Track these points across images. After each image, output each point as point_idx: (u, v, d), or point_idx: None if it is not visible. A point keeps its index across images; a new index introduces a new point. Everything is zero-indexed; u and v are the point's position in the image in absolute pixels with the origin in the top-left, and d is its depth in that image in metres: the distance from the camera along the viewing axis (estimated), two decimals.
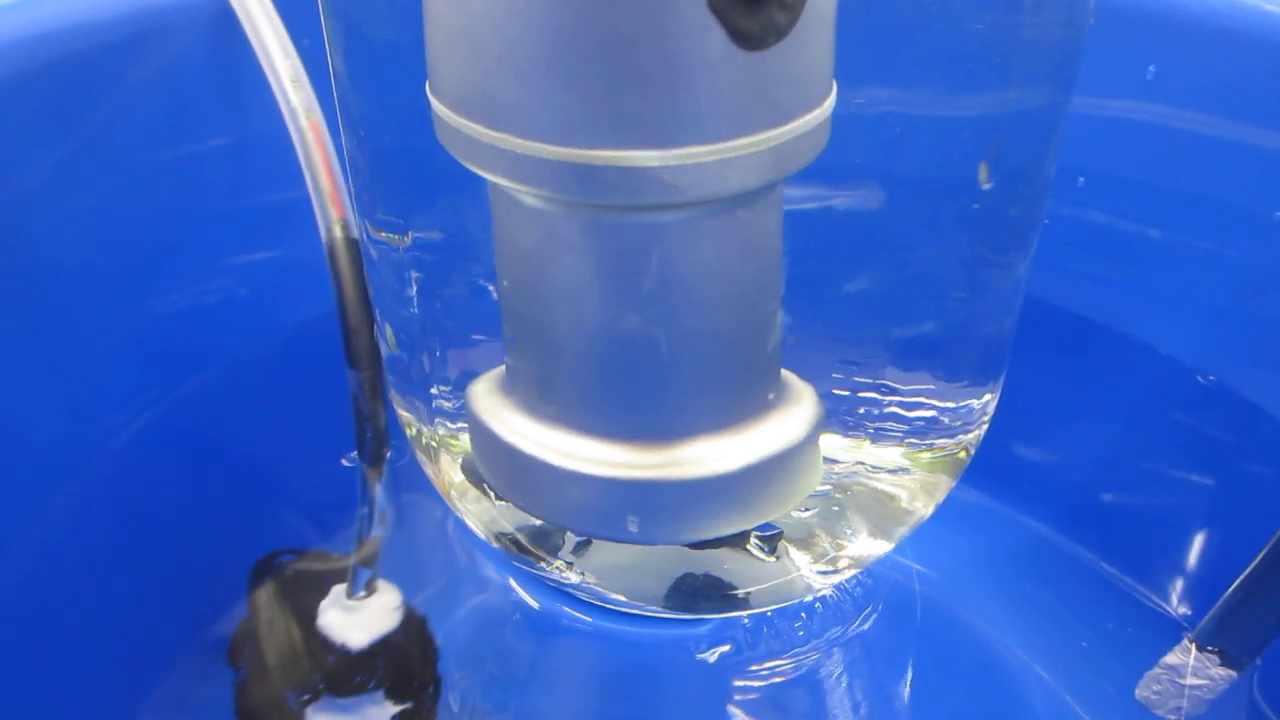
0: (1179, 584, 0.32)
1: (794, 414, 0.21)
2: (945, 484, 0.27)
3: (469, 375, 0.23)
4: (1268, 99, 0.29)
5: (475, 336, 0.26)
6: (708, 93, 0.16)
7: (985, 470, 0.31)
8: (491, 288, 0.24)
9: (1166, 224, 0.32)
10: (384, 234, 0.25)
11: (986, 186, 0.22)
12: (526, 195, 0.18)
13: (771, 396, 0.20)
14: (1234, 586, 0.23)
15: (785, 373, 0.21)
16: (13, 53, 0.25)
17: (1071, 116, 0.30)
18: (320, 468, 0.33)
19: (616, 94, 0.16)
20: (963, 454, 0.27)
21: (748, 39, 0.16)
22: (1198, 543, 0.32)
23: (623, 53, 0.15)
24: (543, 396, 0.21)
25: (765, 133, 0.17)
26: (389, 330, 0.26)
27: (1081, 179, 0.33)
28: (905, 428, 0.26)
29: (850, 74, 0.18)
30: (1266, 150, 0.29)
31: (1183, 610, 0.32)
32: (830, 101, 0.18)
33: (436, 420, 0.27)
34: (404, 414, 0.28)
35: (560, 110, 0.16)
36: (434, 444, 0.27)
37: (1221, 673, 0.24)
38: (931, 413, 0.26)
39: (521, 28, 0.16)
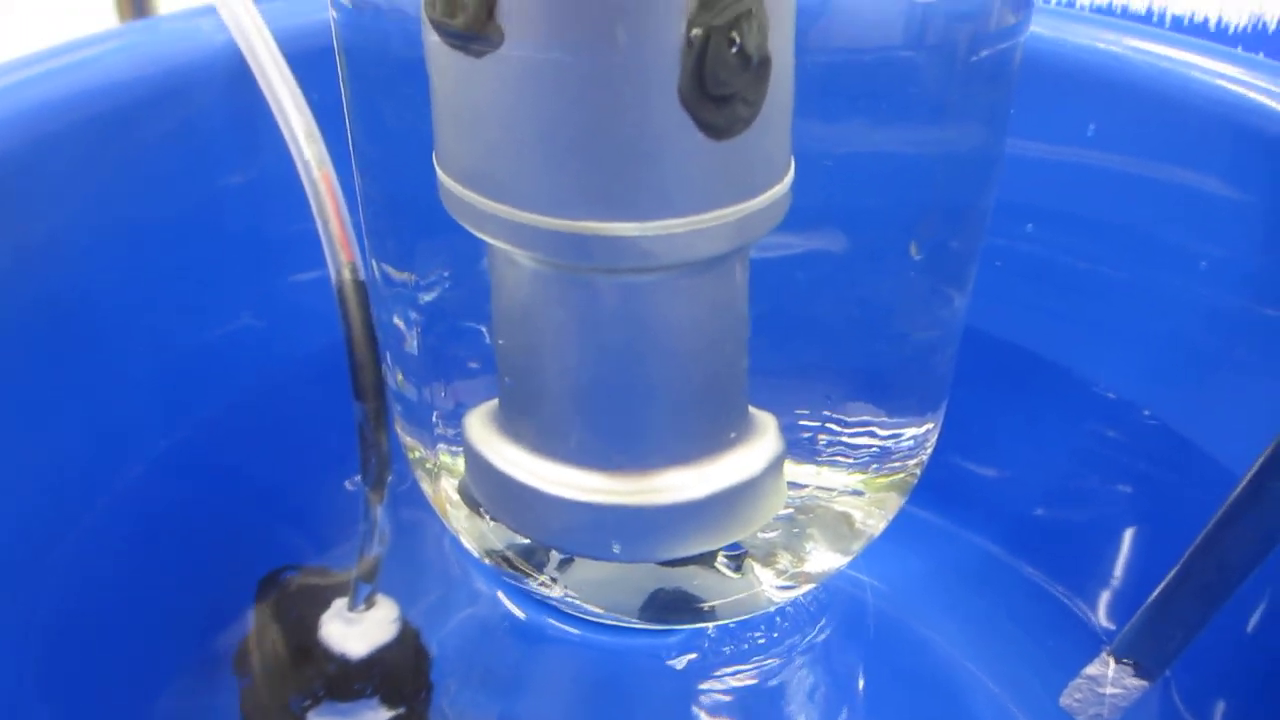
0: (1108, 599, 0.34)
1: (756, 448, 0.23)
2: (896, 502, 0.29)
3: (469, 405, 0.25)
4: (1199, 152, 0.31)
5: (475, 369, 0.27)
6: (680, 174, 0.18)
7: (936, 491, 0.33)
8: (485, 329, 0.26)
9: (1107, 262, 0.34)
10: (393, 273, 0.27)
11: (917, 258, 0.25)
12: (521, 257, 0.20)
13: (734, 434, 0.23)
14: (1145, 605, 0.25)
15: (753, 409, 0.24)
16: (50, 110, 0.27)
17: (1021, 161, 0.32)
18: (324, 490, 0.35)
19: (601, 174, 0.18)
20: (910, 477, 0.29)
21: (715, 130, 0.18)
22: (1124, 561, 0.34)
23: (606, 140, 0.18)
24: (532, 429, 0.23)
25: (731, 207, 0.19)
26: (396, 364, 0.28)
27: (1030, 225, 0.35)
28: (857, 454, 0.28)
29: (800, 127, 0.20)
30: (1202, 194, 0.31)
31: (1109, 625, 0.34)
32: (789, 177, 0.20)
33: (438, 446, 0.28)
34: (407, 439, 0.29)
35: (552, 187, 0.18)
36: (434, 467, 0.29)
37: (1135, 683, 0.26)
38: (880, 441, 0.28)
39: (518, 118, 0.18)
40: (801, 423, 0.27)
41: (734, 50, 0.17)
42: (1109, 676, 0.26)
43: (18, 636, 0.28)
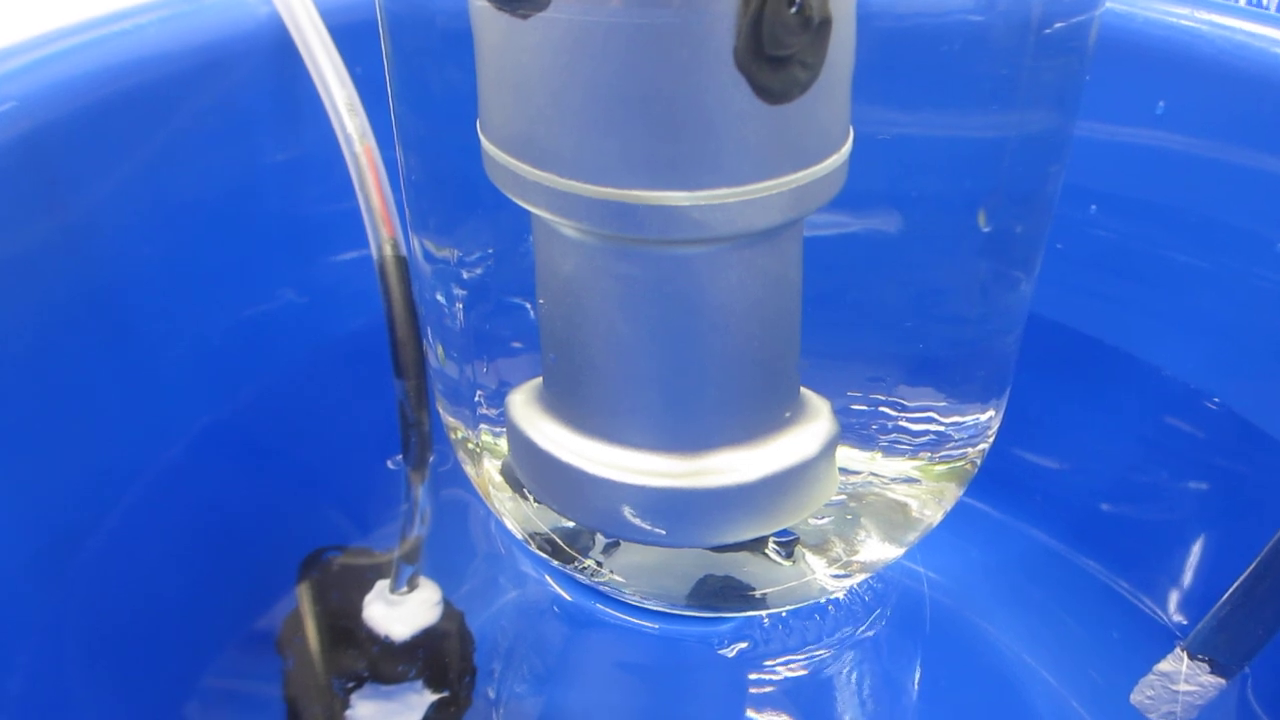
0: (1177, 594, 0.33)
1: (810, 430, 0.22)
2: (954, 493, 0.28)
3: (512, 384, 0.24)
4: (1274, 132, 0.30)
5: (518, 347, 0.27)
6: (734, 141, 0.17)
7: (995, 483, 0.32)
8: (529, 306, 0.25)
9: (1175, 246, 0.32)
10: (435, 249, 0.27)
11: (986, 230, 0.24)
12: (567, 228, 0.19)
13: (789, 414, 0.22)
14: (1223, 600, 0.24)
15: (805, 391, 0.23)
16: (90, 82, 0.27)
17: (1085, 142, 0.31)
18: (366, 470, 0.35)
19: (651, 141, 0.17)
20: (969, 465, 0.28)
21: (772, 94, 0.17)
22: (1195, 556, 0.33)
23: (658, 105, 0.17)
24: (578, 408, 0.22)
25: (786, 176, 0.18)
26: (437, 342, 0.28)
27: (1093, 206, 0.34)
28: (915, 441, 0.27)
29: (861, 100, 0.19)
30: (1273, 176, 0.30)
31: (1179, 619, 0.33)
32: (847, 146, 0.19)
33: (481, 426, 0.28)
34: (449, 419, 0.29)
35: (600, 154, 0.18)
36: (476, 448, 0.28)
37: (1211, 680, 0.25)
38: (940, 427, 0.27)
39: (566, 81, 0.17)
40: (858, 407, 0.26)
41: (793, 9, 0.16)
42: (1183, 673, 0.25)
43: (65, 612, 0.28)
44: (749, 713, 0.30)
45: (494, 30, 0.18)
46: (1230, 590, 0.24)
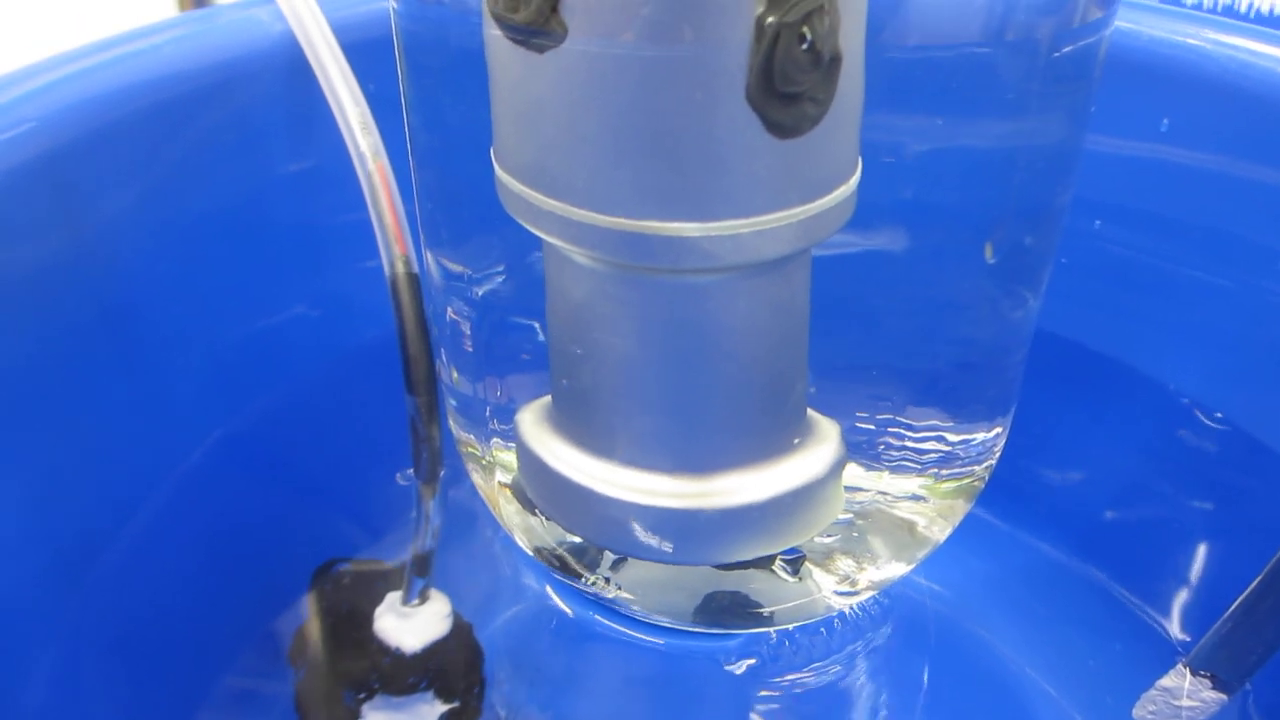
0: (1180, 607, 0.33)
1: (818, 452, 0.22)
2: (961, 509, 0.29)
3: (523, 400, 0.24)
4: (1278, 147, 0.30)
5: (528, 361, 0.27)
6: (745, 174, 0.18)
7: (1000, 494, 0.32)
8: (539, 325, 0.25)
9: (1180, 260, 0.33)
10: (448, 265, 0.27)
11: (992, 261, 0.24)
12: (579, 256, 0.20)
13: (797, 440, 0.22)
14: (1225, 615, 0.24)
15: (814, 413, 0.23)
16: (108, 101, 0.27)
17: (1091, 156, 0.31)
18: (377, 480, 0.35)
19: (663, 173, 0.18)
20: (977, 482, 0.28)
21: (782, 129, 0.18)
22: (1199, 569, 0.33)
23: (670, 138, 0.17)
24: (588, 429, 0.22)
25: (796, 208, 0.18)
26: (449, 358, 0.28)
27: (1099, 220, 0.34)
28: (923, 459, 0.27)
29: (871, 124, 0.19)
30: (1278, 190, 0.30)
31: (1183, 635, 0.33)
32: (856, 177, 0.19)
33: (492, 441, 0.28)
34: (461, 434, 0.29)
35: (613, 185, 0.18)
36: (488, 463, 0.29)
37: (1213, 696, 0.25)
38: (947, 446, 0.27)
39: (580, 114, 0.18)
40: (865, 426, 0.27)
41: (804, 47, 0.17)
42: (1185, 689, 0.25)
43: (82, 620, 0.28)
44: None
45: (509, 62, 0.18)
46: (1233, 606, 0.24)
